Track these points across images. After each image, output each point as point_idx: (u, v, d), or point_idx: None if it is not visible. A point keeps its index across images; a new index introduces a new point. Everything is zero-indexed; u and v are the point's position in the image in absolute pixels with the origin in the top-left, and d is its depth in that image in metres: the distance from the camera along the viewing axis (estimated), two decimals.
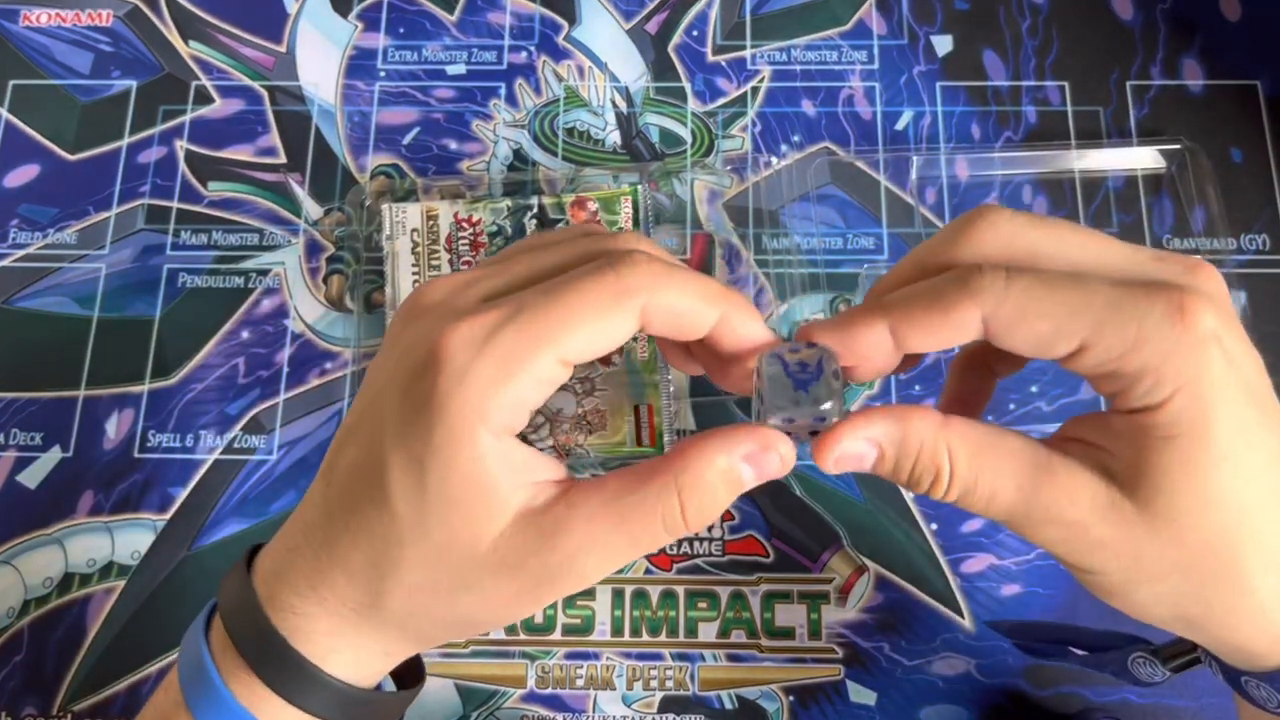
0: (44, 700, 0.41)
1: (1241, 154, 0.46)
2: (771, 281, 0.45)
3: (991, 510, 0.25)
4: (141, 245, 0.46)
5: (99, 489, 0.43)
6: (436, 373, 0.23)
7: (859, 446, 0.25)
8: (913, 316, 0.24)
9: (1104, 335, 0.22)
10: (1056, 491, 0.24)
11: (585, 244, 0.26)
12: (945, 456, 0.24)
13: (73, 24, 0.50)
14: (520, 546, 0.24)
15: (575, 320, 0.23)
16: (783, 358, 0.24)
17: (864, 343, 0.25)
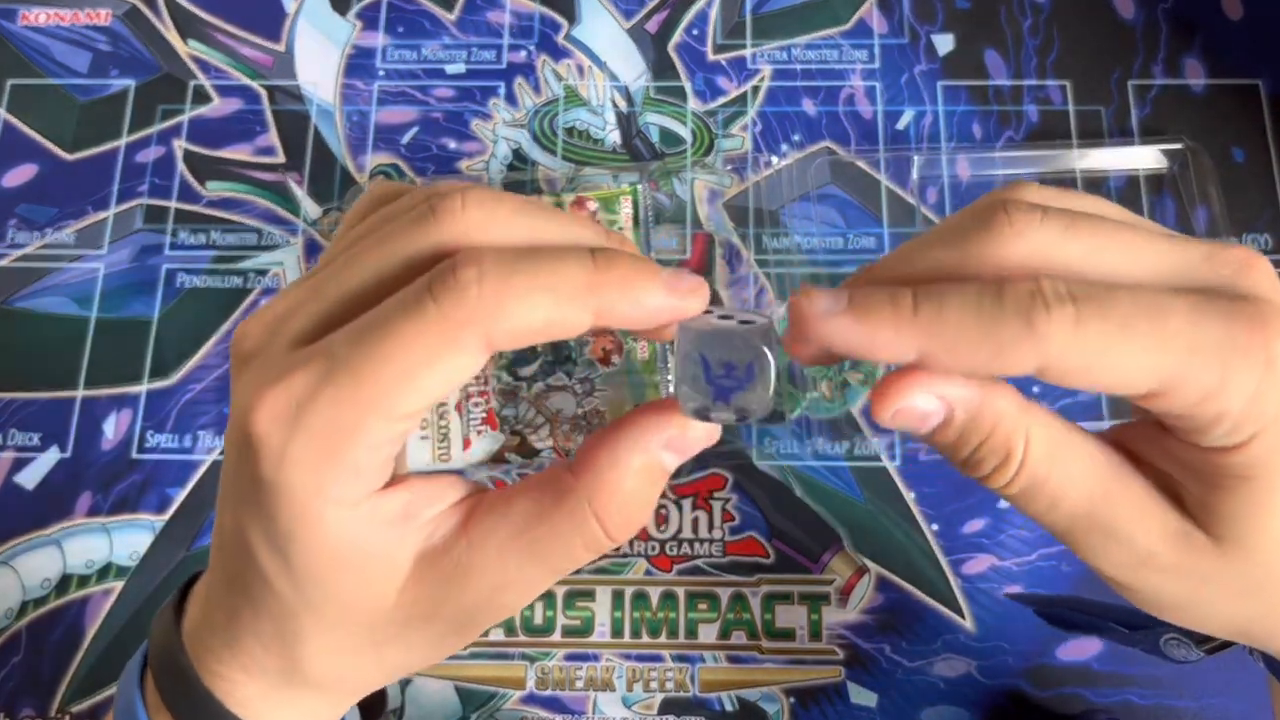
0: (42, 701, 0.41)
1: (1243, 153, 0.46)
2: (772, 281, 0.45)
3: (1052, 515, 0.22)
4: (140, 245, 0.46)
5: (97, 490, 0.43)
6: (255, 457, 0.20)
7: (928, 403, 0.21)
8: (956, 347, 0.20)
9: (1181, 384, 0.20)
10: (1128, 512, 0.22)
11: (398, 245, 0.21)
12: (1021, 441, 0.21)
13: (71, 23, 0.50)
14: (428, 596, 0.22)
15: (397, 377, 0.19)
16: (705, 357, 0.20)
17: (883, 352, 0.20)
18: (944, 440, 0.22)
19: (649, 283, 0.20)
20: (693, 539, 0.42)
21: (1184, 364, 0.20)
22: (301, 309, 0.21)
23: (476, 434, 0.42)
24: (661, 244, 0.45)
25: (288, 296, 0.22)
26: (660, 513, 0.42)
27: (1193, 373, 0.20)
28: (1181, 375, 0.20)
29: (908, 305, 0.20)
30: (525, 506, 0.22)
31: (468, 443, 0.41)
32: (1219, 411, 0.20)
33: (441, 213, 0.20)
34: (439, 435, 0.41)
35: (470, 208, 0.20)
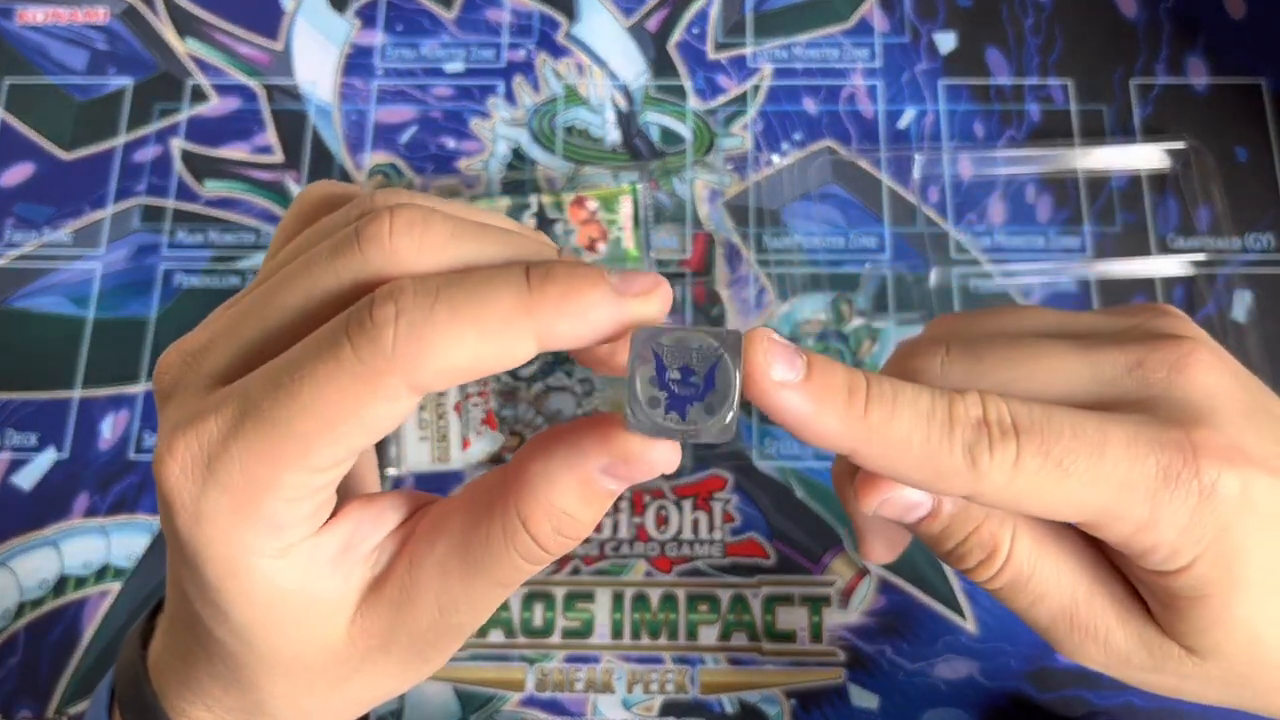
0: (39, 703, 0.40)
1: (1246, 152, 0.46)
2: (772, 281, 0.45)
3: (1034, 612, 0.22)
4: (137, 245, 0.46)
5: (95, 490, 0.43)
6: (170, 511, 0.19)
7: (914, 495, 0.21)
8: (897, 462, 0.19)
9: (1114, 519, 0.20)
10: (1108, 617, 0.22)
11: (319, 276, 0.19)
12: (1008, 537, 0.21)
13: (68, 22, 0.50)
14: (379, 627, 0.20)
15: (315, 429, 0.18)
16: (659, 356, 0.18)
17: (820, 441, 0.19)
18: (929, 531, 0.22)
19: (591, 291, 0.18)
20: (693, 540, 0.42)
21: (1115, 500, 0.20)
22: (220, 342, 0.20)
23: (476, 434, 0.41)
24: (661, 243, 0.45)
25: (209, 326, 0.20)
26: (660, 514, 0.42)
27: (1124, 508, 0.20)
28: (1113, 511, 0.20)
29: (860, 402, 0.19)
30: (461, 519, 0.20)
31: (467, 443, 0.41)
32: (1153, 543, 0.20)
33: (366, 240, 0.18)
34: (438, 436, 0.41)
35: (398, 234, 0.18)
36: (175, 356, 0.20)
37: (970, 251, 0.45)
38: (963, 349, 0.22)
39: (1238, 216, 0.45)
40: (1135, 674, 0.22)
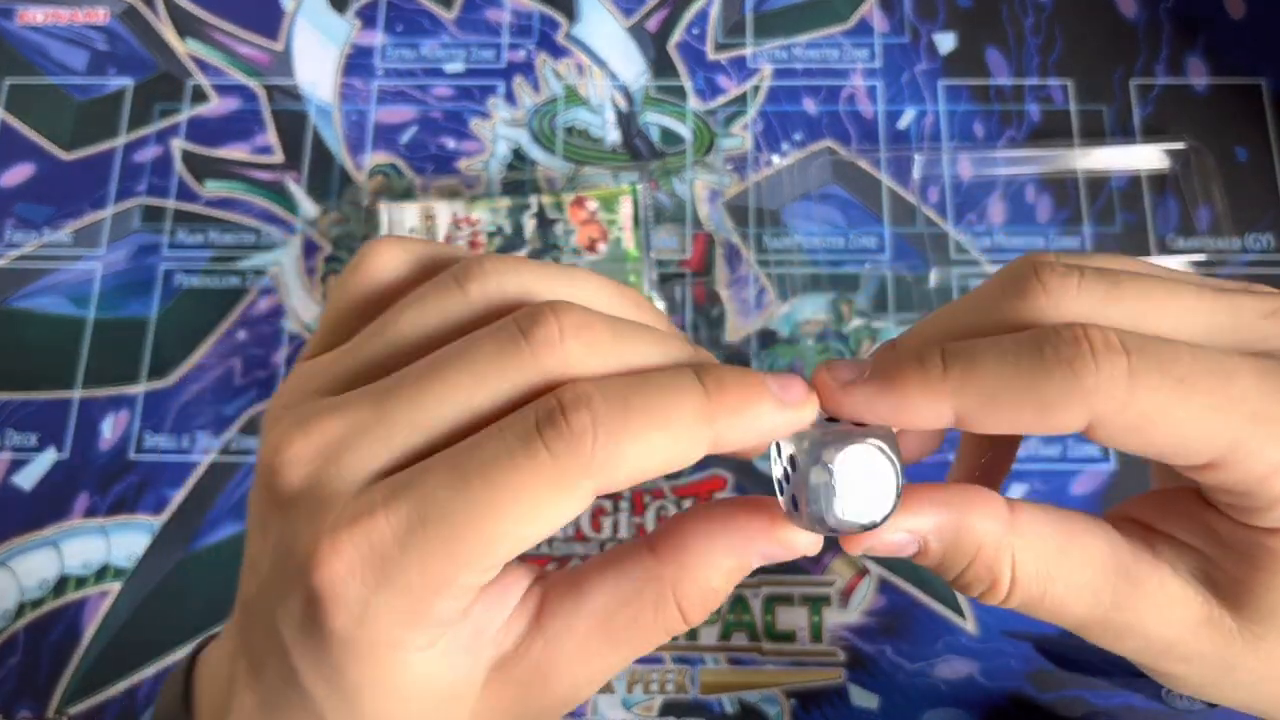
0: (39, 704, 0.40)
1: (1246, 153, 0.46)
2: (773, 281, 0.45)
3: (1059, 622, 0.21)
4: (137, 245, 0.46)
5: (94, 491, 0.43)
6: (322, 611, 0.18)
7: (898, 538, 0.20)
8: (997, 406, 0.18)
9: (1245, 455, 0.18)
10: (1143, 607, 0.20)
11: (489, 376, 0.19)
12: (1007, 567, 0.20)
13: (69, 22, 0.50)
14: (506, 706, 0.20)
15: (501, 531, 0.18)
16: (827, 464, 0.18)
17: (917, 418, 0.19)
18: (928, 564, 0.21)
19: (761, 402, 0.19)
20: None
21: (1250, 433, 0.18)
22: (369, 440, 0.19)
23: None
24: (661, 244, 0.45)
25: (341, 415, 0.19)
26: (660, 514, 0.42)
27: (1258, 444, 0.18)
28: (1246, 446, 0.18)
29: (937, 364, 0.19)
30: (604, 595, 0.20)
31: None
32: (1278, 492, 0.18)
33: (538, 344, 0.19)
34: None
35: (568, 338, 0.19)
36: (304, 451, 0.19)
37: (970, 252, 0.45)
38: (1099, 274, 0.20)
39: (1238, 217, 0.45)
40: (1176, 664, 0.21)
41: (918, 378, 0.19)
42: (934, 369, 0.19)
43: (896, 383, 0.19)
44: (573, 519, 0.19)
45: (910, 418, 0.19)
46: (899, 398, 0.19)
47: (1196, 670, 0.21)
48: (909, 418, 0.19)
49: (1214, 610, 0.20)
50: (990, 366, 0.18)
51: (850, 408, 0.19)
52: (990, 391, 0.18)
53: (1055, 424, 0.18)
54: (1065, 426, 0.18)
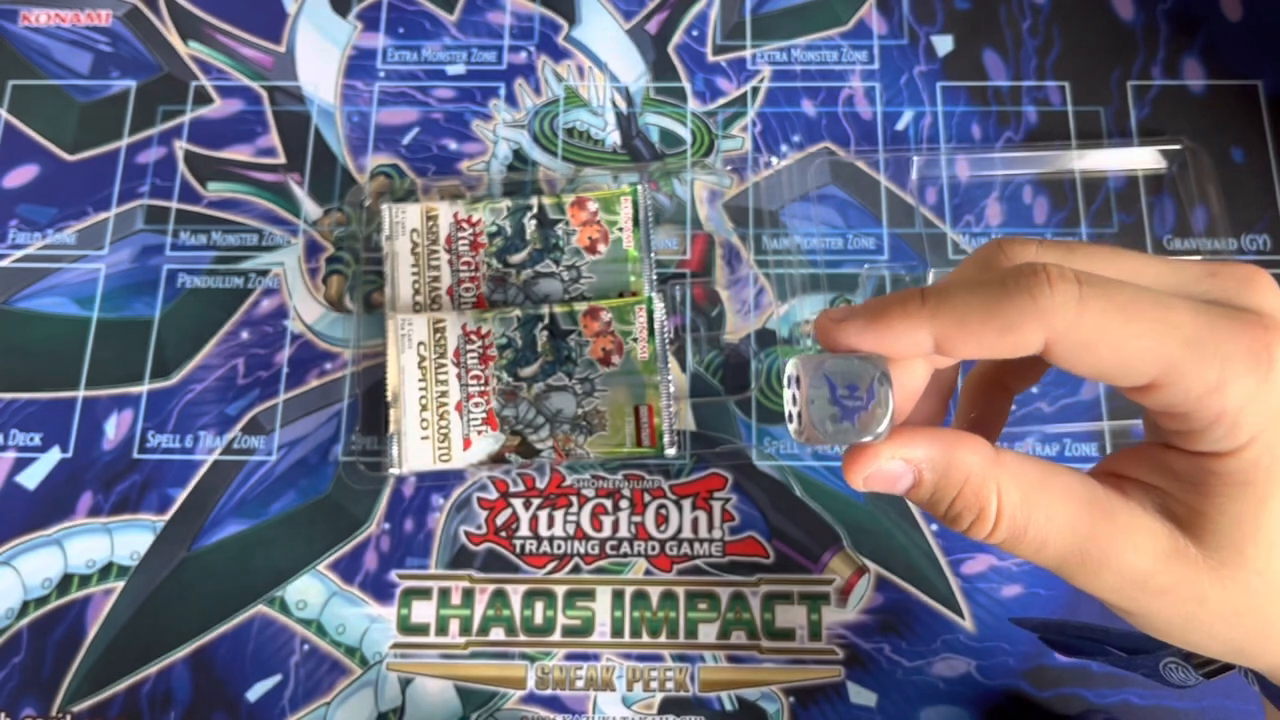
0: (43, 701, 0.41)
1: (1243, 154, 0.46)
2: (772, 282, 0.45)
3: (1041, 557, 0.23)
4: (140, 245, 0.46)
5: (98, 490, 0.43)
6: None
7: (895, 466, 0.22)
8: (966, 326, 0.21)
9: (1182, 375, 0.20)
10: (1116, 539, 0.22)
11: None
12: (993, 494, 0.22)
13: (72, 24, 0.50)
14: None
15: None
16: (829, 377, 0.22)
17: (900, 343, 0.22)
18: (919, 499, 0.23)
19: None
20: (693, 539, 0.42)
21: (1184, 356, 0.20)
22: None
23: (477, 434, 0.42)
24: (661, 244, 0.45)
25: None
26: (660, 513, 0.42)
27: (1193, 365, 0.20)
28: (1180, 367, 0.20)
29: (916, 298, 0.21)
30: None
31: (468, 442, 0.42)
32: (1219, 410, 0.20)
33: None
34: (439, 435, 0.41)
35: None
36: None
37: (968, 252, 0.45)
38: (1056, 242, 0.23)
39: (1234, 217, 0.45)
40: (1152, 600, 0.22)
41: (899, 309, 0.22)
42: (913, 301, 0.21)
43: (880, 316, 0.22)
44: None
45: (893, 343, 0.22)
46: (884, 327, 0.22)
47: (1172, 605, 0.22)
48: (892, 343, 0.22)
49: (1179, 541, 0.22)
50: (961, 296, 0.21)
51: (844, 339, 0.22)
52: (960, 316, 0.21)
53: (1016, 343, 0.21)
54: (1025, 345, 0.21)
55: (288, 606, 0.42)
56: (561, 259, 0.44)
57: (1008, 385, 0.28)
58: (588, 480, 0.43)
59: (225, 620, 0.41)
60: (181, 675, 0.41)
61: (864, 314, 0.22)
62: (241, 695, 0.41)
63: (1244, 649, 0.24)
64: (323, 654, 0.41)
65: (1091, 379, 0.22)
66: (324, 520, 0.43)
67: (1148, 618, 0.23)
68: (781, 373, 0.44)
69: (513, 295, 0.44)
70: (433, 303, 0.43)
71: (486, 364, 0.42)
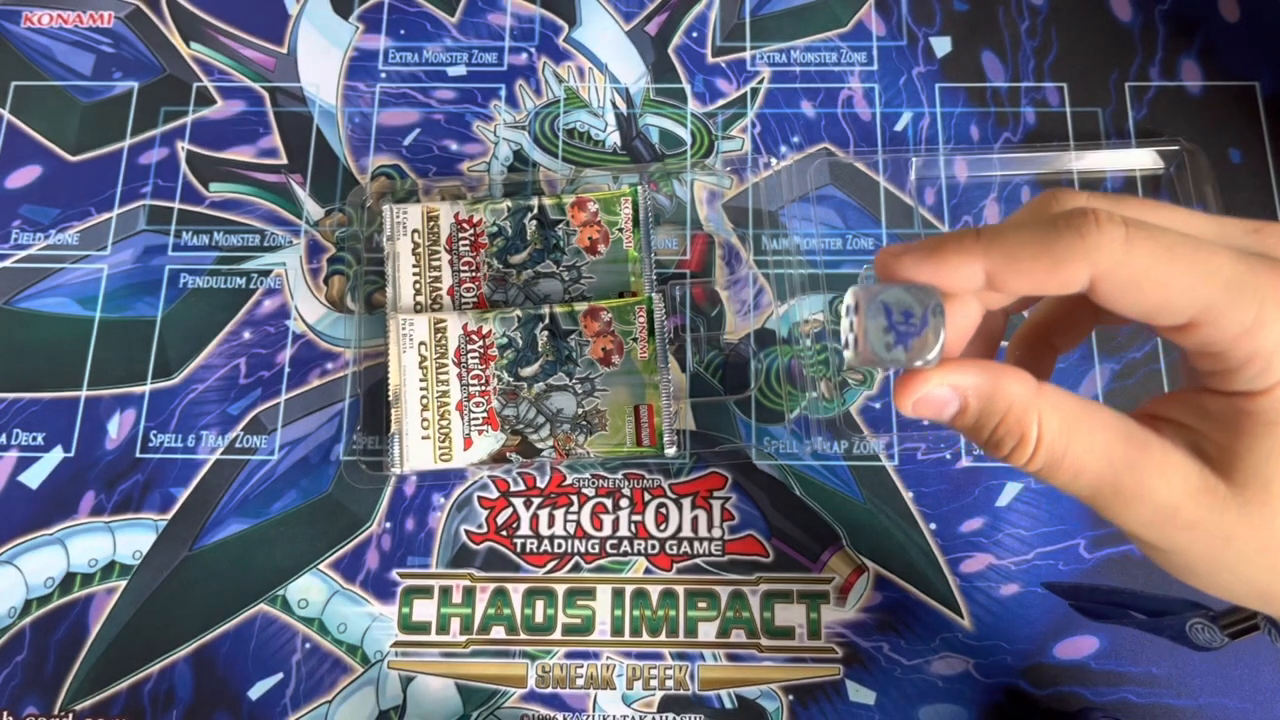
0: (45, 700, 0.41)
1: (1240, 155, 0.46)
2: (771, 282, 0.45)
3: (1077, 485, 0.24)
4: (143, 246, 0.47)
5: (101, 489, 0.43)
6: None
7: (943, 392, 0.24)
8: (1017, 261, 0.22)
9: (1219, 316, 0.21)
10: (1149, 471, 0.23)
11: None
12: (1035, 422, 0.23)
13: (74, 25, 0.51)
14: None
15: None
16: (888, 307, 0.23)
17: (954, 276, 0.23)
18: (964, 425, 0.24)
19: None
20: (692, 538, 0.42)
21: (1223, 297, 0.21)
22: None
23: (478, 433, 0.42)
24: (661, 244, 0.46)
25: None
26: (660, 512, 0.42)
27: (1230, 307, 0.21)
28: (1218, 308, 0.21)
29: (972, 234, 0.23)
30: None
31: (469, 442, 0.42)
32: (1252, 350, 0.21)
33: None
34: (440, 435, 0.42)
35: None
36: None
37: None
38: (1104, 194, 0.24)
39: (1239, 219, 0.45)
40: (1180, 535, 0.23)
41: (954, 243, 0.23)
42: (969, 237, 0.23)
43: (937, 249, 0.23)
44: None
45: (948, 275, 0.23)
46: (939, 259, 0.23)
47: (1200, 541, 0.23)
48: (948, 275, 0.23)
49: (1209, 478, 0.23)
50: (1012, 233, 0.22)
51: (902, 270, 0.23)
52: (1012, 252, 0.22)
53: (1064, 279, 0.22)
54: (1072, 282, 0.22)
55: (289, 605, 0.42)
56: (562, 259, 0.44)
57: (1053, 343, 0.29)
58: (588, 479, 0.43)
59: (227, 619, 0.42)
60: (183, 674, 0.41)
61: (922, 247, 0.23)
62: (243, 694, 0.41)
63: (1268, 592, 0.24)
64: (324, 652, 0.41)
65: (1135, 317, 0.23)
66: (325, 519, 0.43)
67: (1175, 554, 0.24)
68: (781, 372, 0.44)
69: (513, 295, 0.44)
70: (434, 303, 0.43)
71: (487, 364, 0.42)
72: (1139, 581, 0.40)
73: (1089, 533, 0.41)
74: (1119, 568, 0.41)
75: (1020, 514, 0.42)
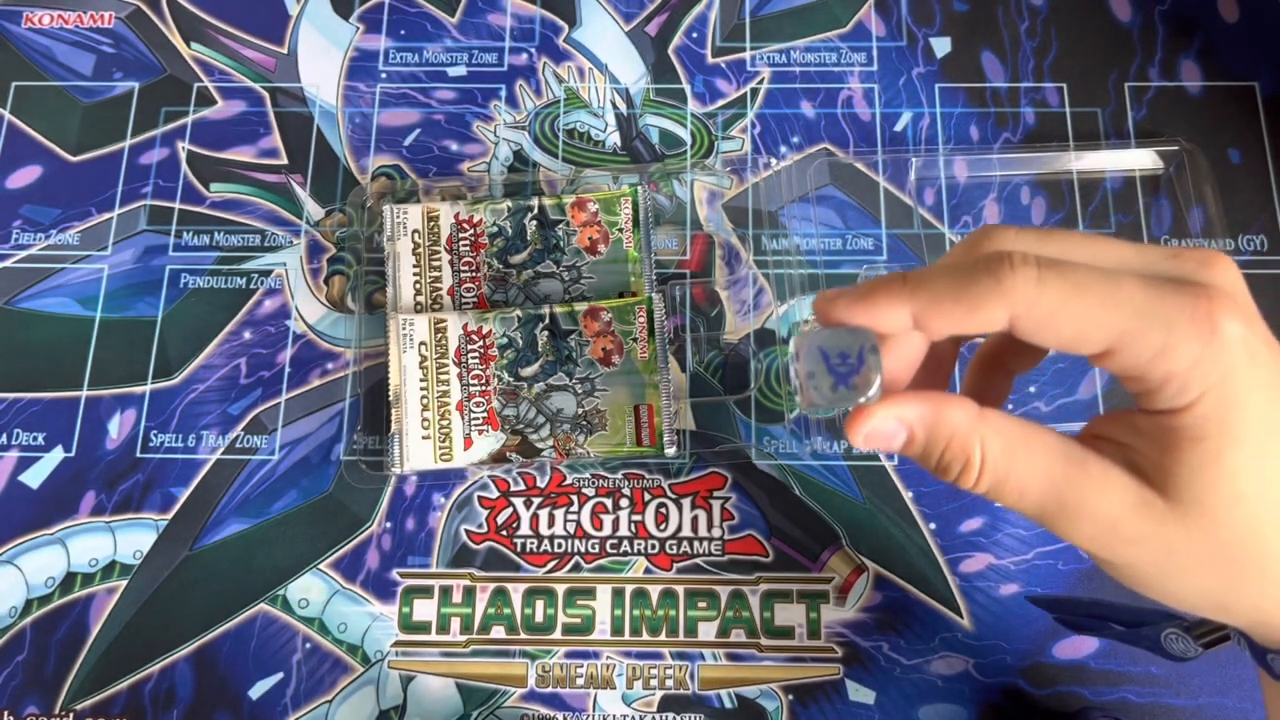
0: (46, 699, 0.41)
1: (1239, 155, 0.46)
2: (771, 282, 0.45)
3: (1023, 504, 0.25)
4: (143, 246, 0.47)
5: (101, 489, 0.43)
6: None
7: (889, 425, 0.25)
8: (940, 304, 0.24)
9: (1132, 342, 0.23)
10: (1089, 488, 0.24)
11: None
12: (977, 447, 0.24)
13: (74, 25, 0.51)
14: None
15: None
16: (824, 351, 0.25)
17: (883, 319, 0.24)
18: (913, 453, 0.25)
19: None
20: (692, 538, 0.42)
21: (1133, 325, 0.23)
22: None
23: (478, 433, 0.42)
24: (661, 245, 0.46)
25: None
26: (660, 512, 0.42)
27: (1141, 333, 0.23)
28: (1131, 335, 0.23)
29: (899, 279, 0.25)
30: None
31: (469, 442, 0.42)
32: (1167, 371, 0.23)
33: None
34: (440, 435, 0.42)
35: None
36: None
37: None
38: (1034, 229, 0.25)
39: (1231, 218, 0.45)
40: (1125, 549, 0.24)
41: (884, 288, 0.24)
42: (895, 282, 0.24)
43: (866, 295, 0.25)
44: None
45: (877, 318, 0.24)
46: (869, 304, 0.24)
47: (1144, 554, 0.24)
48: (876, 318, 0.24)
49: (1145, 494, 0.24)
50: (936, 279, 0.24)
51: (835, 314, 0.25)
52: (935, 296, 0.24)
53: (983, 319, 0.23)
54: (991, 322, 0.23)
55: (290, 605, 0.42)
56: (562, 259, 0.44)
57: (1008, 366, 0.30)
58: (588, 479, 0.43)
59: (227, 619, 0.42)
60: (184, 673, 0.41)
61: (854, 293, 0.25)
62: (244, 693, 0.41)
63: (1222, 601, 0.25)
64: (324, 652, 0.41)
65: (1055, 349, 0.24)
66: (326, 519, 0.43)
67: (1125, 567, 0.25)
68: (781, 372, 0.44)
69: (513, 295, 0.44)
70: (434, 303, 0.44)
71: (487, 364, 0.42)
72: None
73: None
74: None
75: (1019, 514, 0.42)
